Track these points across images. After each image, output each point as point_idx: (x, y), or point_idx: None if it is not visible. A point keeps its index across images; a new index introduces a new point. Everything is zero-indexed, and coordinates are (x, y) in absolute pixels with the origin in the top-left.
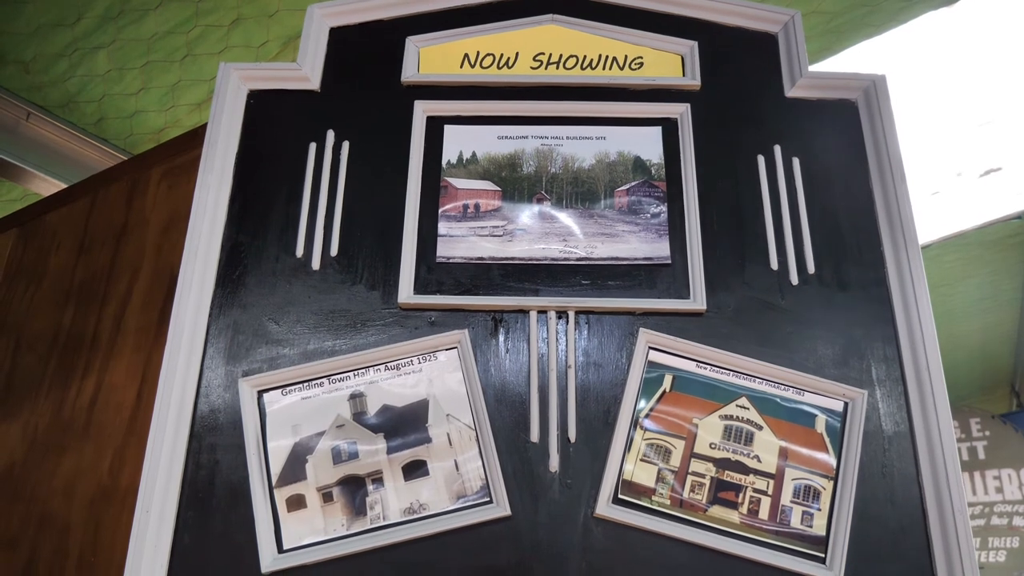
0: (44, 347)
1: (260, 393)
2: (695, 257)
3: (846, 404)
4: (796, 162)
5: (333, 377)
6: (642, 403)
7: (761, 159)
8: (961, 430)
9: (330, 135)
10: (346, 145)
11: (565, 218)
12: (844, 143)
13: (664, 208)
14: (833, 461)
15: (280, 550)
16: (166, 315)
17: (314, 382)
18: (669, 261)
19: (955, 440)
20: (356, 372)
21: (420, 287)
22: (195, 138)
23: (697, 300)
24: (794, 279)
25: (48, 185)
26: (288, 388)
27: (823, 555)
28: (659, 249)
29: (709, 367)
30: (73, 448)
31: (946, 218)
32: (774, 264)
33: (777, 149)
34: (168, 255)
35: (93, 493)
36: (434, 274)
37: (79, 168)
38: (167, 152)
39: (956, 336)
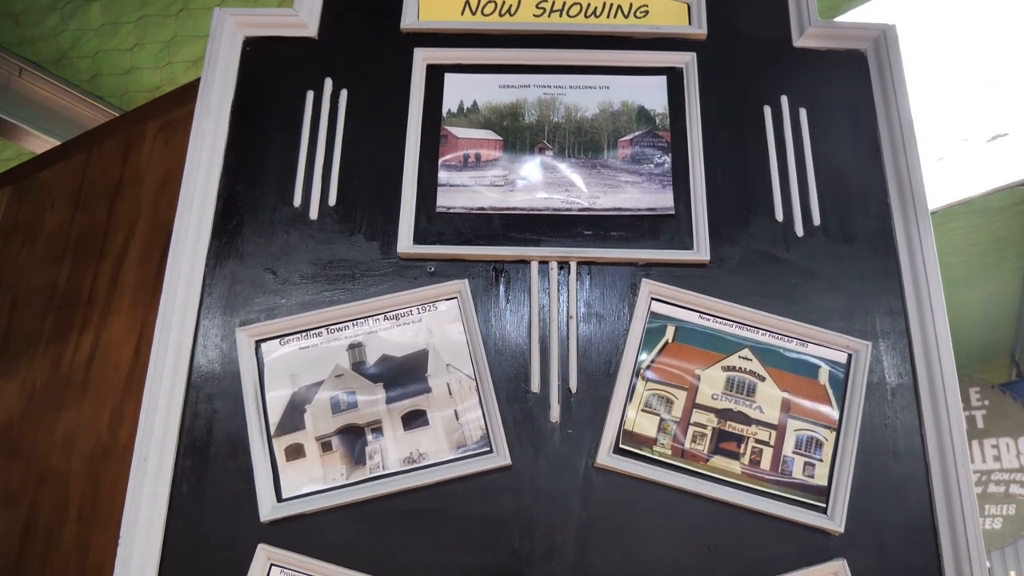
0: (41, 304)
1: (258, 343)
2: (699, 208)
3: (850, 356)
4: (803, 113)
5: (332, 327)
6: (644, 354)
7: (767, 109)
8: (960, 399)
9: (328, 83)
10: (344, 93)
11: (567, 168)
12: (852, 94)
13: (668, 158)
14: (836, 412)
15: (279, 499)
16: (163, 271)
17: (312, 332)
18: (673, 212)
19: (958, 391)
20: (355, 322)
21: (420, 237)
22: (191, 92)
23: (701, 251)
24: (799, 231)
25: (42, 143)
26: (286, 338)
27: (824, 505)
28: (662, 200)
29: (712, 318)
30: (71, 405)
31: (951, 184)
32: (779, 216)
33: (784, 100)
34: (165, 211)
35: (92, 449)
36: (434, 224)
37: (74, 127)
38: (162, 107)
39: (958, 305)
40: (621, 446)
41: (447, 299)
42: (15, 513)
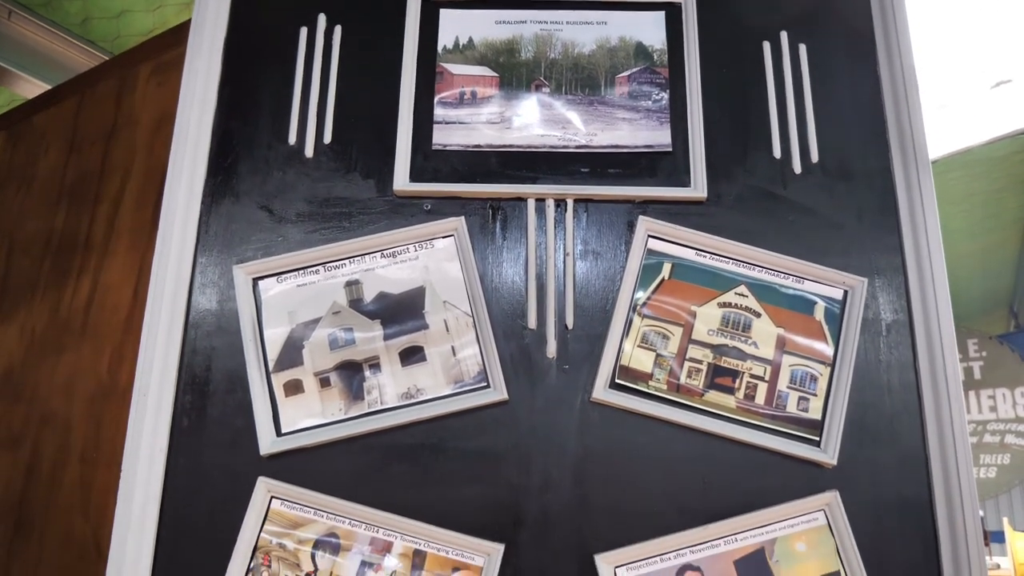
0: (38, 249)
1: (255, 280)
2: (696, 145)
3: (846, 292)
4: (803, 49)
5: (329, 264)
6: (640, 290)
7: (767, 45)
8: (959, 351)
9: (321, 19)
10: (338, 30)
11: (564, 105)
12: (853, 31)
13: (666, 95)
14: (831, 348)
15: (278, 433)
16: (160, 214)
17: (309, 269)
18: (670, 149)
19: (952, 327)
20: (352, 259)
21: (416, 175)
22: (183, 33)
23: (698, 188)
24: (797, 168)
25: (33, 87)
26: (283, 275)
27: (818, 438)
28: (660, 137)
29: (708, 255)
30: (71, 348)
31: (953, 133)
32: (777, 152)
33: (783, 35)
34: (160, 154)
35: (93, 391)
36: (430, 162)
37: (65, 71)
38: (155, 48)
39: (957, 256)
40: (617, 381)
41: (444, 237)
42: (18, 455)
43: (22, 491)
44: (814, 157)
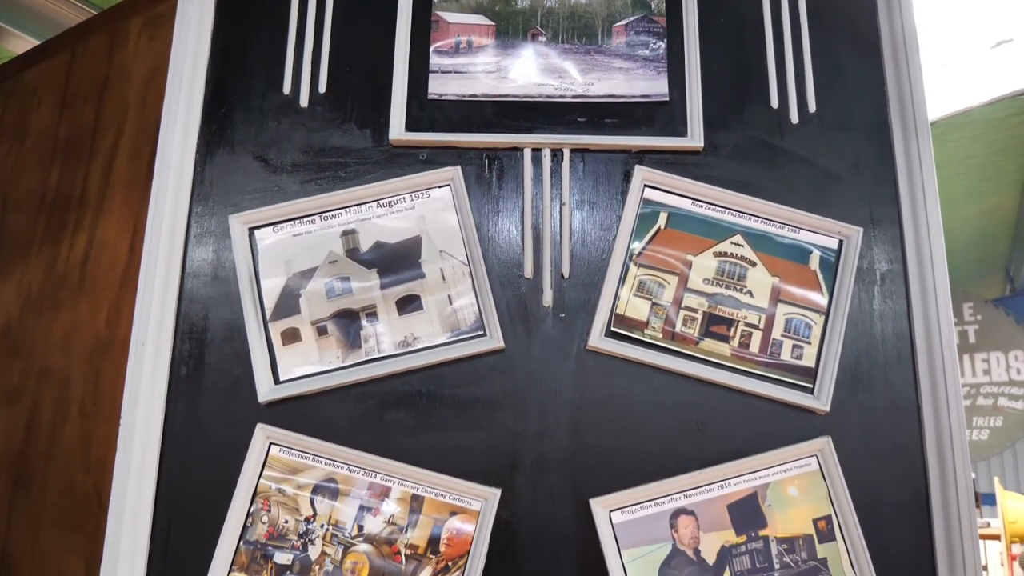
0: (32, 206)
1: (251, 230)
2: (694, 94)
3: (841, 241)
4: None
5: (325, 214)
6: (636, 240)
7: None
8: (954, 314)
9: None
10: None
11: (561, 54)
12: None
13: (663, 44)
14: (825, 297)
15: (276, 381)
16: (155, 168)
17: (306, 219)
18: (667, 98)
19: (947, 276)
20: (348, 209)
21: (412, 124)
22: None
23: (695, 138)
24: (794, 118)
25: (23, 43)
26: (279, 225)
27: (811, 386)
28: (657, 86)
29: (705, 205)
30: (68, 304)
31: (952, 93)
32: (774, 102)
33: None
34: (153, 108)
35: (91, 346)
36: (426, 111)
37: (55, 26)
38: (146, 1)
39: (955, 220)
40: (613, 329)
41: (440, 186)
42: (17, 410)
43: (22, 445)
44: (811, 107)
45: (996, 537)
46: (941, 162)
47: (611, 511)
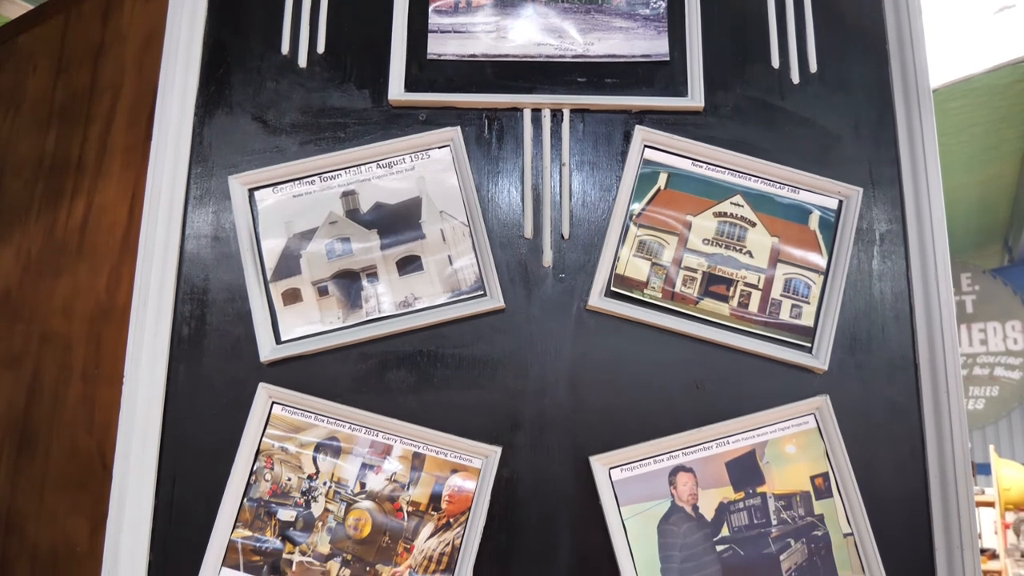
0: (30, 172)
1: (251, 191)
2: (694, 54)
3: (841, 201)
4: None
5: (324, 175)
6: (636, 200)
7: None
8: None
9: None
10: None
11: (561, 14)
12: None
13: (663, 3)
14: (824, 257)
15: (278, 341)
16: (152, 132)
17: (305, 180)
18: (667, 58)
19: (946, 236)
20: (347, 169)
21: (411, 85)
22: None
23: (695, 98)
24: (795, 78)
25: (16, 7)
26: (279, 186)
27: (809, 345)
28: (657, 46)
29: (705, 165)
30: (68, 269)
31: (954, 60)
32: (775, 62)
33: None
34: (150, 71)
35: (92, 311)
36: (425, 72)
37: None
38: None
39: (954, 189)
40: (612, 289)
41: (439, 147)
42: (20, 374)
43: (25, 409)
44: (813, 67)
45: (991, 504)
46: (942, 130)
47: (611, 468)
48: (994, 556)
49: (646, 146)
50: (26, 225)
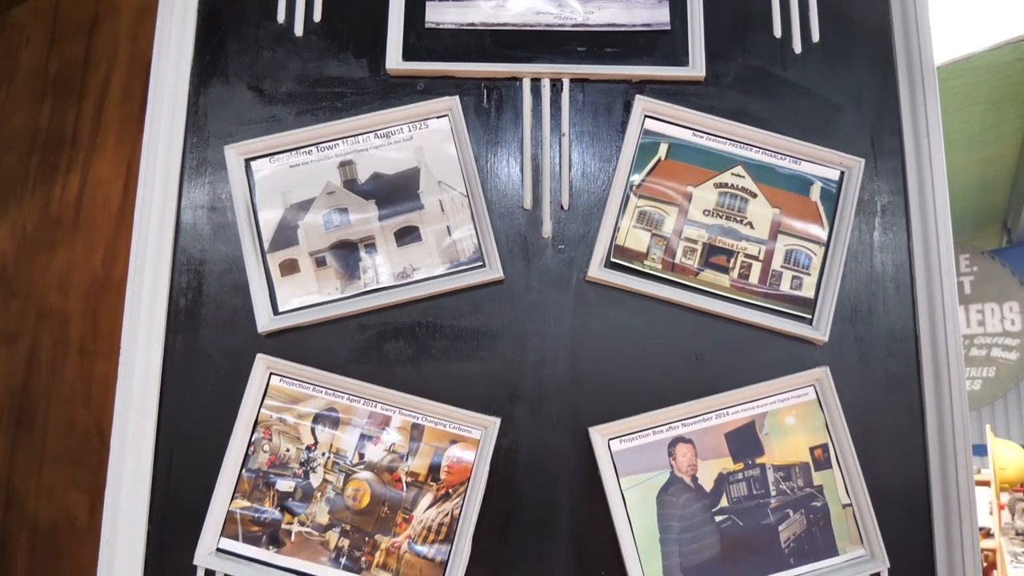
0: (24, 146)
1: (247, 161)
2: (695, 23)
3: (842, 172)
4: None
5: (322, 145)
6: (636, 171)
7: None
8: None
9: None
10: None
11: None
12: None
13: None
14: (825, 228)
15: (275, 312)
16: (147, 101)
17: (302, 150)
18: (668, 27)
19: (948, 208)
20: (345, 139)
21: (409, 54)
22: None
23: (696, 67)
24: (797, 47)
25: None
26: (276, 156)
27: (810, 316)
28: (658, 15)
29: (705, 135)
30: (64, 244)
31: (955, 38)
32: (777, 31)
33: None
34: (144, 44)
35: (88, 286)
36: (423, 41)
37: None
38: None
39: (953, 170)
40: (612, 260)
41: (438, 116)
42: (17, 350)
43: (23, 385)
44: (815, 37)
45: (986, 483)
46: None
47: (610, 439)
48: (989, 535)
49: (646, 116)
50: (21, 200)
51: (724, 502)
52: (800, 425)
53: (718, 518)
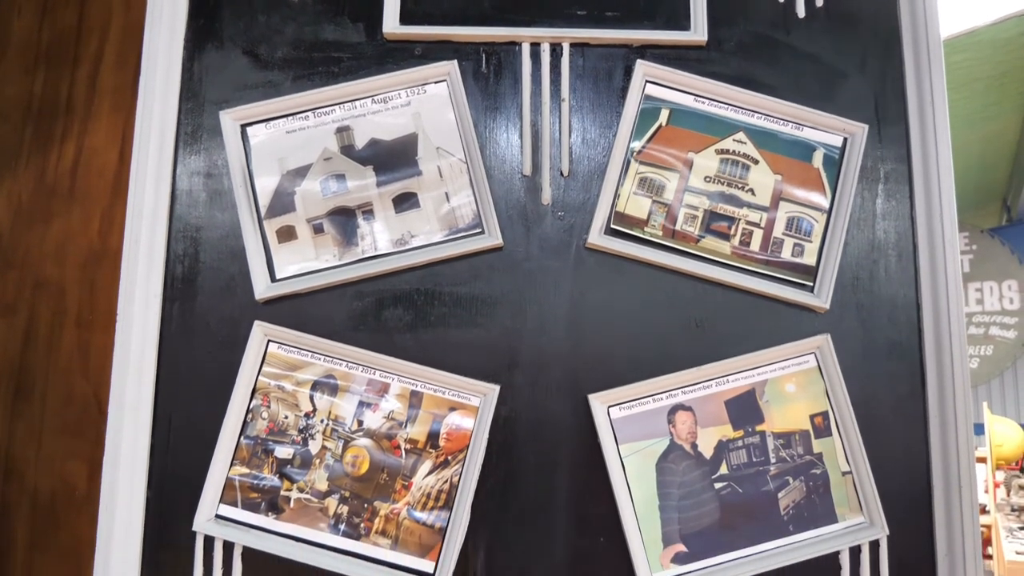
0: (18, 116)
1: (243, 127)
2: None
3: (845, 139)
4: None
5: (318, 110)
6: (637, 137)
7: None
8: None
9: None
10: None
11: None
12: None
13: None
14: (828, 195)
15: (273, 279)
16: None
17: (299, 115)
18: None
19: (952, 174)
20: (342, 105)
21: (406, 18)
22: None
23: (698, 32)
24: (800, 11)
25: None
26: (272, 121)
27: (811, 284)
28: None
29: (707, 101)
30: (60, 214)
31: (958, 11)
32: None
33: None
34: (137, 10)
35: (85, 256)
36: (421, 4)
37: None
38: None
39: (955, 147)
40: (612, 227)
41: (436, 82)
42: (14, 321)
43: (21, 356)
44: (819, 1)
45: (982, 460)
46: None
47: (609, 407)
48: (984, 511)
49: (648, 81)
50: (16, 170)
51: (724, 469)
52: (800, 393)
53: (717, 485)
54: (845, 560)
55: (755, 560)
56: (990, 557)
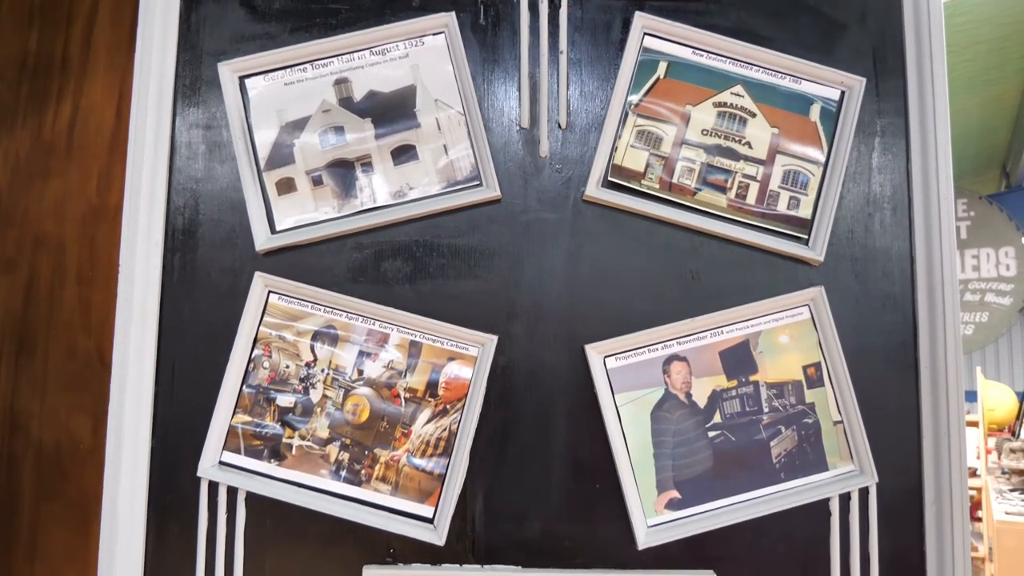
0: (13, 74)
1: (242, 79)
2: None
3: (843, 92)
4: None
5: (316, 62)
6: (635, 90)
7: None
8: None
9: None
10: None
11: None
12: None
13: None
14: (824, 149)
15: (272, 231)
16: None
17: (297, 67)
18: None
19: (948, 129)
20: (340, 56)
21: None
22: None
23: None
24: None
25: None
26: (270, 73)
27: (806, 236)
28: None
29: (705, 54)
30: (58, 172)
31: None
32: None
33: None
34: None
35: (84, 213)
36: None
37: None
38: None
39: (955, 112)
40: (609, 179)
41: (434, 33)
42: (15, 279)
43: (22, 313)
44: None
45: (975, 424)
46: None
47: (605, 357)
48: (975, 474)
49: (646, 33)
50: (12, 129)
51: (717, 418)
52: (793, 344)
53: (711, 433)
54: (835, 507)
55: (747, 506)
56: (979, 519)
